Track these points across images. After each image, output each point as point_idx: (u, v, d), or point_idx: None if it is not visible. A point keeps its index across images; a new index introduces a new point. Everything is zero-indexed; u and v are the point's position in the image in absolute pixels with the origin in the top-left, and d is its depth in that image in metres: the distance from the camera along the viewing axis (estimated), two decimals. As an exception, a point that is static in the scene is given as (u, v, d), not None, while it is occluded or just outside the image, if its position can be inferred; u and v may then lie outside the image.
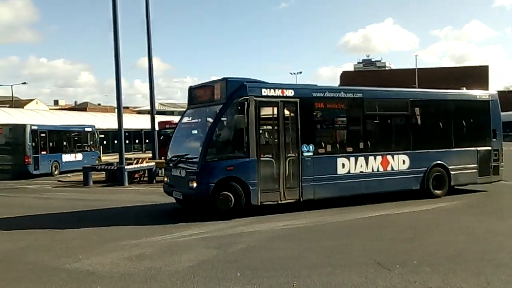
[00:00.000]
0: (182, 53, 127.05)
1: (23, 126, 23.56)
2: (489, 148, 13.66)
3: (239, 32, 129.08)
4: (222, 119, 10.64)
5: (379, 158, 12.13)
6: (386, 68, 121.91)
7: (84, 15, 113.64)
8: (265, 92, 10.81)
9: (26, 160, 22.72)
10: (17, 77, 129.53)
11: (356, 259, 6.76)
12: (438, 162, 12.85)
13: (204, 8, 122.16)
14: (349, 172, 11.69)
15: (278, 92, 10.97)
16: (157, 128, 22.19)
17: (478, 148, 13.52)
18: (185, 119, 12.17)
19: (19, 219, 10.65)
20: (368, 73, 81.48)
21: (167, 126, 25.97)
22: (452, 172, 12.98)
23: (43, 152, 23.93)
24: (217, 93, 10.92)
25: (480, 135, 13.80)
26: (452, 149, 13.19)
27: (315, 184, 11.16)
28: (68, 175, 23.68)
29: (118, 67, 18.70)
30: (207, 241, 8.11)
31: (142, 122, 44.62)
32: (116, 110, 21.10)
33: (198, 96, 11.70)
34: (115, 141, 30.88)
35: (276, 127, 10.99)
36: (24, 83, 62.35)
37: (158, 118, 24.49)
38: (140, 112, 70.65)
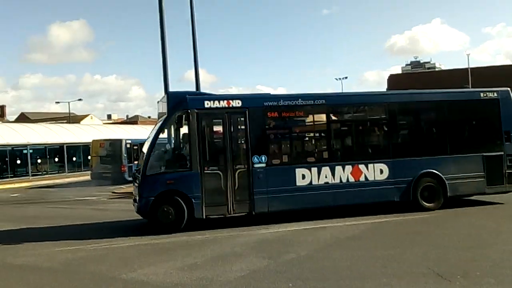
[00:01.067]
0: (227, 64, 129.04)
1: (120, 141, 27.54)
2: (501, 153, 11.75)
3: (282, 40, 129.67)
4: (164, 133, 10.83)
5: (348, 167, 11.16)
6: (436, 69, 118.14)
7: (134, 33, 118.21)
8: (208, 104, 10.72)
9: (123, 169, 26.51)
10: (74, 94, 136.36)
11: (413, 269, 6.53)
12: (428, 170, 11.39)
13: (247, 18, 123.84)
14: (311, 183, 10.96)
15: (223, 104, 10.81)
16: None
17: (486, 154, 11.71)
18: (149, 133, 11.94)
19: (79, 229, 11.04)
20: (417, 75, 79.08)
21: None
22: (448, 182, 11.36)
23: (135, 162, 25.45)
24: (163, 107, 11.05)
25: (488, 139, 12.17)
26: (448, 156, 11.64)
27: (269, 197, 10.67)
28: (122, 186, 24.45)
29: (166, 81, 19.13)
30: (257, 251, 8.09)
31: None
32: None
33: (158, 110, 12.00)
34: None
35: (222, 139, 10.83)
36: (80, 99, 66.01)
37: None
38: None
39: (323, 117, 11.68)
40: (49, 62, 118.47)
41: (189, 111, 10.46)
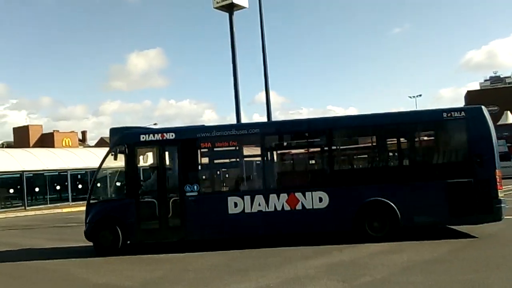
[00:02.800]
0: (298, 85, 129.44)
1: None
2: (470, 179, 10.36)
3: (353, 59, 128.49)
4: (105, 165, 11.68)
5: (284, 195, 10.84)
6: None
7: (206, 58, 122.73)
8: (143, 138, 11.51)
9: None
10: (150, 118, 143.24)
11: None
12: (376, 199, 10.59)
13: (317, 39, 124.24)
14: (243, 211, 10.90)
15: (157, 137, 11.47)
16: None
17: (450, 180, 10.45)
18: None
19: (156, 248, 11.46)
20: (495, 91, 74.66)
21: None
22: (400, 211, 10.45)
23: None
24: (110, 141, 12.08)
25: (453, 163, 10.95)
26: (401, 183, 10.70)
27: (201, 224, 11.04)
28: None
29: (237, 103, 19.69)
30: (331, 273, 7.95)
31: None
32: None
33: None
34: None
35: (157, 170, 11.48)
36: (155, 124, 69.22)
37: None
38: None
39: (257, 146, 11.64)
40: (127, 89, 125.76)
41: (125, 145, 11.38)
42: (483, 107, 10.82)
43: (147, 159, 11.95)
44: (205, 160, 11.87)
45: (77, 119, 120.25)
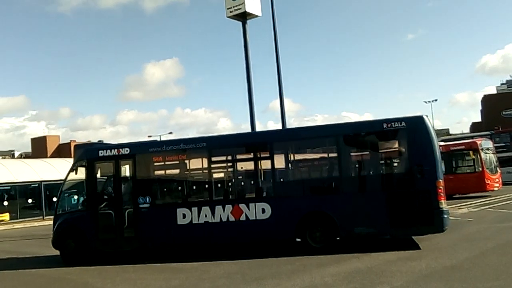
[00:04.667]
0: (312, 92, 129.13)
1: None
2: (411, 189, 10.23)
3: (367, 65, 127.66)
4: (69, 179, 12.41)
5: (229, 207, 11.16)
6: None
7: (221, 67, 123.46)
8: (101, 153, 12.14)
9: None
10: (166, 127, 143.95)
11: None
12: (316, 210, 10.72)
13: (331, 45, 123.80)
14: (191, 222, 11.31)
15: (114, 152, 12.11)
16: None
17: (390, 191, 10.45)
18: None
19: (171, 257, 11.46)
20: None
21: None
22: (339, 222, 10.45)
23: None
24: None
25: (393, 174, 11.03)
26: (339, 194, 10.83)
27: (153, 234, 11.50)
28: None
29: (252, 111, 19.70)
30: (348, 281, 7.84)
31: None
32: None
33: None
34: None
35: (114, 183, 12.22)
36: (171, 132, 69.45)
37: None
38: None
39: (204, 160, 11.98)
40: (144, 98, 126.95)
41: (86, 160, 12.17)
42: (424, 116, 10.62)
43: (105, 173, 12.53)
44: (156, 173, 12.50)
45: (94, 129, 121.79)
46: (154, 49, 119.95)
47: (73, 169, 12.34)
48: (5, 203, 31.69)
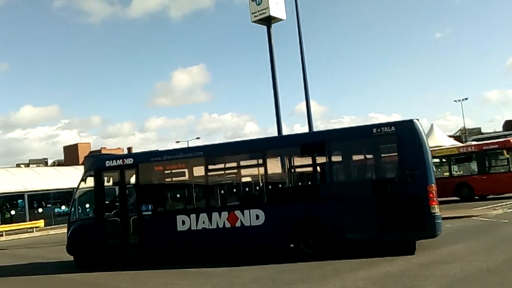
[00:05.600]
0: (338, 94, 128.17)
1: None
2: (402, 194, 10.11)
3: (394, 66, 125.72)
4: (81, 187, 13.03)
5: (225, 214, 11.40)
6: None
7: (247, 71, 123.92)
8: (108, 163, 12.74)
9: None
10: (193, 133, 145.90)
11: None
12: (308, 216, 10.77)
13: (356, 46, 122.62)
14: (190, 228, 11.62)
15: (119, 162, 12.67)
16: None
17: (380, 196, 10.30)
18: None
19: (201, 262, 11.54)
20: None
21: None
22: (332, 228, 10.47)
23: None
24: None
25: (384, 179, 10.75)
26: (330, 200, 10.81)
27: (155, 240, 11.88)
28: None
29: (278, 115, 19.68)
30: (381, 285, 7.72)
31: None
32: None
33: None
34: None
35: (119, 191, 12.83)
36: (198, 138, 69.75)
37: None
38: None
39: (202, 168, 12.10)
40: (172, 105, 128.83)
41: (94, 170, 12.80)
42: (415, 120, 10.48)
43: (112, 182, 13.02)
44: (157, 181, 12.93)
45: (124, 136, 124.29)
46: (181, 56, 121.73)
47: (83, 178, 13.06)
48: (40, 209, 32.60)
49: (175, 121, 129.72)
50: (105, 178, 12.86)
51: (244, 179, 12.44)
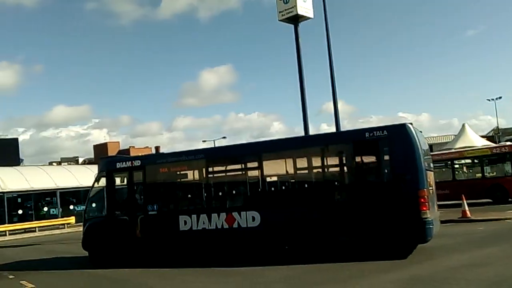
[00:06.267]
0: (367, 93, 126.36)
1: None
2: (394, 199, 9.98)
3: (423, 64, 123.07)
4: (95, 187, 13.69)
5: (223, 215, 11.60)
6: None
7: (273, 70, 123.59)
8: (118, 165, 13.31)
9: None
10: (220, 132, 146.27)
11: None
12: (302, 218, 10.82)
13: (385, 45, 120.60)
14: (191, 228, 11.90)
15: (128, 164, 13.16)
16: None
17: (373, 201, 10.18)
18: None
19: (226, 261, 11.53)
20: None
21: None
22: (324, 231, 10.54)
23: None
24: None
25: (376, 183, 10.62)
26: (322, 203, 10.81)
27: (160, 239, 12.23)
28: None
29: (305, 114, 19.55)
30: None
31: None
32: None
33: None
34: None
35: (128, 192, 13.31)
36: (224, 137, 69.86)
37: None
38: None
39: (202, 170, 12.43)
40: (199, 104, 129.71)
41: (105, 171, 13.35)
42: (407, 124, 10.34)
43: (122, 183, 13.59)
44: (162, 183, 13.37)
45: (152, 135, 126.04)
46: (208, 56, 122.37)
47: (96, 179, 13.69)
48: (71, 206, 33.40)
49: (202, 121, 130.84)
50: (116, 179, 13.48)
51: (242, 182, 12.41)
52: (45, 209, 32.70)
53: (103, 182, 13.44)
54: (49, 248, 17.49)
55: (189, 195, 13.34)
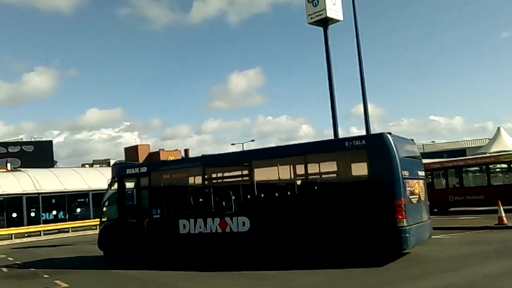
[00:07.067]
0: (397, 96, 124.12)
1: None
2: (370, 207, 10.06)
3: (456, 65, 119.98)
4: (108, 192, 14.90)
5: (217, 220, 12.15)
6: None
7: (302, 73, 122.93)
8: (128, 171, 14.19)
9: None
10: (248, 135, 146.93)
11: None
12: (285, 224, 11.21)
13: (416, 48, 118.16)
14: (189, 232, 12.57)
15: (136, 170, 14.02)
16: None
17: (351, 209, 10.35)
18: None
19: (258, 265, 11.48)
20: None
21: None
22: (305, 238, 10.84)
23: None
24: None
25: (354, 192, 10.59)
26: (303, 211, 11.06)
27: (163, 241, 12.97)
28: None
29: (334, 117, 19.39)
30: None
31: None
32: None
33: None
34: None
35: (136, 196, 14.08)
36: (253, 140, 70.09)
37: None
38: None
39: (199, 177, 13.02)
40: (227, 107, 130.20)
41: (117, 177, 14.29)
42: (384, 134, 10.40)
43: (131, 188, 14.36)
44: (164, 188, 13.94)
45: (182, 138, 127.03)
46: (237, 60, 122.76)
47: (110, 184, 14.72)
48: (104, 208, 33.98)
49: (231, 124, 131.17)
50: (126, 184, 14.30)
51: (234, 188, 12.94)
52: (78, 210, 33.37)
53: (115, 186, 14.40)
54: (81, 249, 17.86)
55: (188, 201, 13.71)
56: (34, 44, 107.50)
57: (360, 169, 10.88)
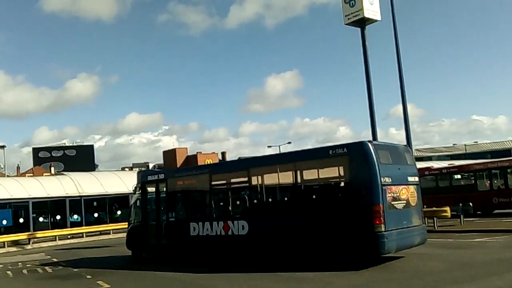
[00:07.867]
0: (438, 96, 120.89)
1: None
2: (349, 213, 10.46)
3: (499, 63, 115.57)
4: (135, 198, 16.35)
5: (221, 223, 12.92)
6: None
7: (340, 75, 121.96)
8: (149, 178, 15.64)
9: None
10: (285, 138, 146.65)
11: None
12: (277, 229, 11.68)
13: (455, 46, 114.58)
14: (198, 234, 13.47)
15: (155, 177, 15.37)
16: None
17: (332, 214, 10.81)
18: None
19: (295, 267, 11.44)
20: None
21: (426, 172, 24.87)
22: (294, 242, 11.25)
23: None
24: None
25: (335, 198, 11.32)
26: (290, 217, 11.67)
27: (178, 242, 13.96)
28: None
29: (373, 118, 19.09)
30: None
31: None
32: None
33: None
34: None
35: (156, 201, 15.32)
36: (289, 142, 69.87)
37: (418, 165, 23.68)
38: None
39: (207, 183, 13.70)
40: (265, 110, 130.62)
41: (140, 183, 15.67)
42: (365, 142, 10.77)
43: (151, 193, 15.47)
44: (178, 193, 15.23)
45: (219, 141, 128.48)
46: (274, 62, 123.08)
47: (134, 189, 16.17)
48: (131, 211, 34.68)
49: (268, 126, 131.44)
50: (148, 189, 15.52)
51: (236, 194, 14.10)
52: (118, 212, 34.16)
53: (138, 193, 15.81)
54: (122, 250, 18.19)
55: (197, 205, 14.89)
56: (76, 51, 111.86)
57: (342, 176, 11.35)
